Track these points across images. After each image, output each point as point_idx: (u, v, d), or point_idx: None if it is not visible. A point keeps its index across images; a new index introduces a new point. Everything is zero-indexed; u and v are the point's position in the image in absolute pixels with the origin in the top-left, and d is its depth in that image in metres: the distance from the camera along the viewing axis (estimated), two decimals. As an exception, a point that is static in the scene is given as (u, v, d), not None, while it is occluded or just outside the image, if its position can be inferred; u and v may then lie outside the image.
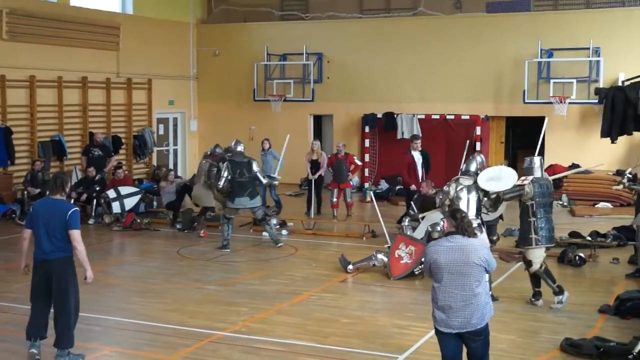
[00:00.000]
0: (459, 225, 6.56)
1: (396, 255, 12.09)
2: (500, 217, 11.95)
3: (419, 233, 13.05)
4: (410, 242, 12.20)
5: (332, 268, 12.65)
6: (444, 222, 7.16)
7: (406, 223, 12.95)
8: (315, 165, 17.77)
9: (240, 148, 14.65)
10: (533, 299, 10.50)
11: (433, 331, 9.04)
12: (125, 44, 22.05)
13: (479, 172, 11.07)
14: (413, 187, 15.33)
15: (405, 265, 12.00)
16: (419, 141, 16.16)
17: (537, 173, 10.42)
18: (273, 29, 24.59)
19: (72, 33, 20.42)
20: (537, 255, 10.35)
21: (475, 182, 10.78)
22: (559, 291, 10.36)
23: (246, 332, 9.29)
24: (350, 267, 12.34)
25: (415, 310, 10.32)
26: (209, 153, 16.07)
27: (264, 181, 14.84)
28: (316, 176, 17.68)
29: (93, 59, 21.20)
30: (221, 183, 14.10)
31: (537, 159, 10.57)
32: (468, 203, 10.64)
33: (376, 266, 12.27)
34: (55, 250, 8.02)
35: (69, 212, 7.98)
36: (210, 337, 9.07)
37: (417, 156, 15.84)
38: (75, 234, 8.00)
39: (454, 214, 6.68)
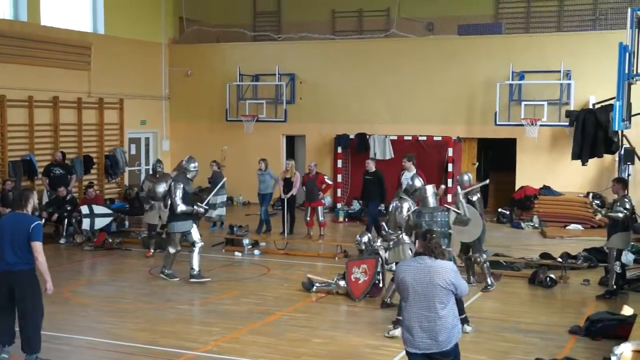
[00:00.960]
0: (427, 246, 6.56)
1: (353, 279, 12.18)
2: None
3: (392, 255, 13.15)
4: (359, 262, 12.36)
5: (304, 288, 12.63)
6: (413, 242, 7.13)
7: (378, 243, 12.97)
8: (287, 184, 17.82)
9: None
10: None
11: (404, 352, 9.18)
12: (97, 64, 21.96)
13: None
14: None
15: (364, 283, 12.11)
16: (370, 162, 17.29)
17: (431, 202, 10.25)
18: (245, 50, 24.65)
19: (43, 52, 20.28)
20: None
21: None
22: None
23: (218, 352, 9.24)
24: (314, 289, 12.37)
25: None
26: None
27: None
28: (288, 195, 17.71)
29: (64, 79, 21.07)
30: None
31: (429, 188, 10.43)
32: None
33: (339, 293, 12.25)
34: (19, 262, 8.32)
35: (32, 225, 8.32)
36: (181, 357, 9.01)
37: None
38: (37, 246, 8.32)
39: (425, 235, 6.69)
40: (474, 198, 12.63)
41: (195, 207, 13.22)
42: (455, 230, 11.21)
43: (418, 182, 11.78)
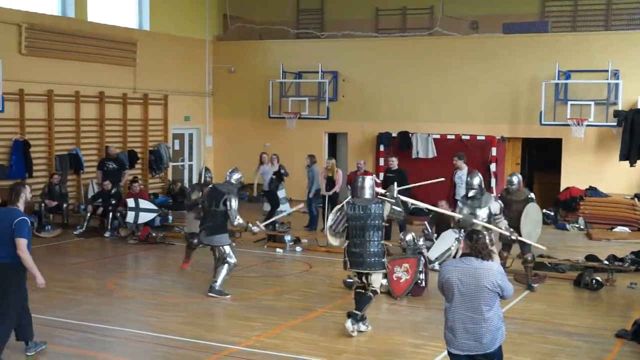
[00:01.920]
0: (474, 247, 6.48)
1: (394, 278, 12.12)
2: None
3: (433, 253, 13.14)
4: (402, 261, 12.30)
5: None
6: (459, 241, 7.05)
7: (421, 243, 12.92)
8: (330, 182, 17.79)
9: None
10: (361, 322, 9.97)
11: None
12: (142, 60, 22.20)
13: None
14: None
15: (406, 282, 12.08)
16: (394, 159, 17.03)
17: (366, 194, 9.98)
18: (288, 47, 24.70)
19: (90, 48, 20.56)
20: (375, 279, 10.13)
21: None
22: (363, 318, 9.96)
23: (260, 347, 9.26)
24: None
25: (429, 330, 10.27)
26: None
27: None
28: (330, 192, 17.67)
29: (110, 74, 21.35)
30: None
31: (368, 179, 10.14)
32: None
33: (381, 292, 12.18)
34: (6, 255, 8.23)
35: (15, 221, 8.18)
36: (224, 351, 9.05)
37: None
38: (20, 242, 8.17)
39: (471, 235, 6.60)
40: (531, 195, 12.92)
41: (249, 224, 12.05)
42: (526, 235, 12.04)
43: (477, 179, 11.74)
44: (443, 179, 14.82)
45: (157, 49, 22.71)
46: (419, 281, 12.09)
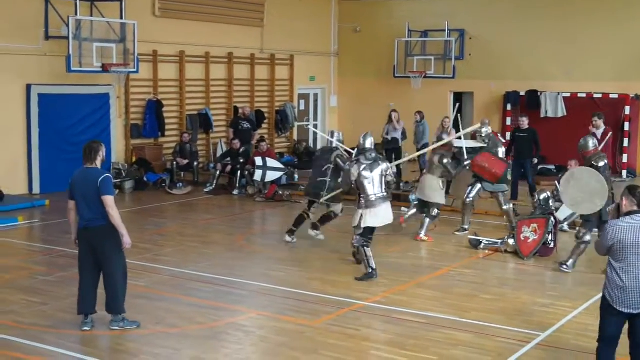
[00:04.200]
0: None
1: (522, 238, 11.97)
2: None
3: (563, 213, 12.90)
4: (530, 221, 12.13)
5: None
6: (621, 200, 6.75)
7: (551, 203, 12.67)
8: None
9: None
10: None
11: (576, 311, 9.04)
12: (269, 21, 22.52)
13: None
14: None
15: (533, 242, 11.90)
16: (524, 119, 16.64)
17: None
18: (414, 6, 24.42)
19: (219, 10, 21.02)
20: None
21: (376, 160, 10.66)
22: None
23: (386, 303, 9.39)
24: (482, 246, 12.29)
25: (557, 290, 10.18)
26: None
27: None
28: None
29: (238, 35, 21.77)
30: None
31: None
32: (373, 181, 10.56)
33: (508, 252, 12.07)
34: (96, 217, 8.03)
35: (100, 179, 7.96)
36: (351, 306, 9.23)
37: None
38: (108, 200, 7.95)
39: (633, 191, 6.43)
40: (601, 164, 10.95)
41: None
42: (570, 200, 10.69)
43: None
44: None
45: (283, 9, 22.96)
46: (548, 242, 11.89)
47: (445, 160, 13.29)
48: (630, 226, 6.33)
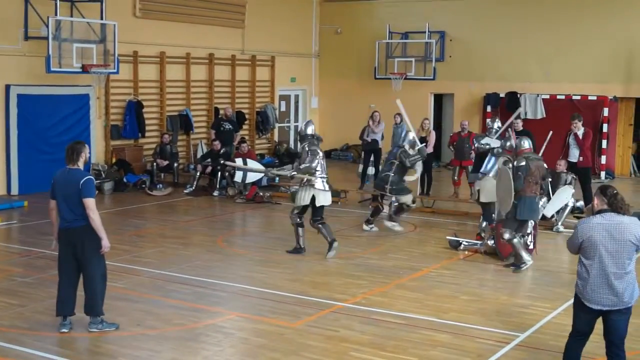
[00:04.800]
0: (612, 202, 6.45)
1: (502, 240, 11.97)
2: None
3: (549, 210, 13.07)
4: None
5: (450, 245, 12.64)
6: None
7: (541, 203, 12.71)
8: (421, 142, 17.55)
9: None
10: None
11: (555, 312, 9.08)
12: (250, 22, 22.50)
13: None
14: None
15: None
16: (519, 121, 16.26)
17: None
18: (395, 7, 24.49)
19: (200, 10, 20.99)
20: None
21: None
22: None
23: (366, 304, 9.40)
24: (462, 247, 12.34)
25: (536, 291, 10.24)
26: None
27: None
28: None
29: (219, 37, 21.74)
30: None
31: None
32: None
33: (487, 253, 12.13)
34: (77, 218, 7.98)
35: (82, 181, 7.90)
36: (331, 307, 9.23)
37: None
38: (89, 202, 7.90)
39: (604, 191, 6.54)
40: (521, 163, 11.23)
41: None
42: (498, 199, 11.46)
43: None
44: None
45: (264, 10, 22.95)
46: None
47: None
48: (599, 224, 6.44)
